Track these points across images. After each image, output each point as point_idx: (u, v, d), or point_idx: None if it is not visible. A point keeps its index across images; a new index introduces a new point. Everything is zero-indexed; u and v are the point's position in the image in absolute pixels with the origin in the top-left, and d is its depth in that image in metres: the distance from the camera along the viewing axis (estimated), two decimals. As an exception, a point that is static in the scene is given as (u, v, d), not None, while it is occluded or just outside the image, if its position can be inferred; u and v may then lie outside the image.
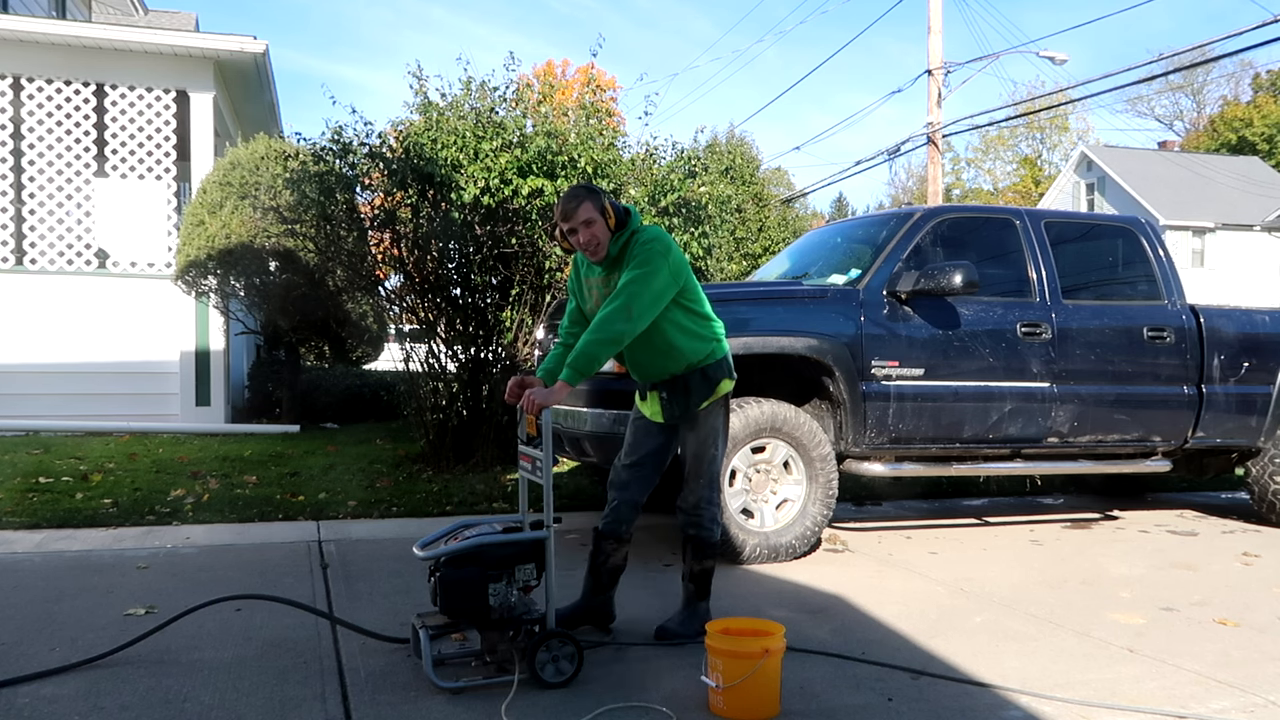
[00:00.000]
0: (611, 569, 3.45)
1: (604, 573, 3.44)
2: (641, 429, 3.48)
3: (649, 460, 3.46)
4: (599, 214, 3.19)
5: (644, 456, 3.45)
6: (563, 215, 3.21)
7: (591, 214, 3.18)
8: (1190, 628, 3.65)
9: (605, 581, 3.45)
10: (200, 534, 5.07)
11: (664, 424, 3.42)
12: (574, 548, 4.86)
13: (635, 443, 3.48)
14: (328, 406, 10.93)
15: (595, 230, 3.19)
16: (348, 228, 7.26)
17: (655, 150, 7.30)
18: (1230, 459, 6.10)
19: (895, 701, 2.83)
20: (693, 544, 3.42)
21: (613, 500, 3.46)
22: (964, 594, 4.10)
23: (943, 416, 4.96)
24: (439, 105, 6.89)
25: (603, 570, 3.44)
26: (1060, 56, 17.04)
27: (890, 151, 17.48)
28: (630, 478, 3.46)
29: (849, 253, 5.57)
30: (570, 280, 3.49)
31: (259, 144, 9.34)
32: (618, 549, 3.45)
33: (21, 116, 9.69)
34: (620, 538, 3.45)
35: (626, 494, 3.45)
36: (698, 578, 3.44)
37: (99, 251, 9.77)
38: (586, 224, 3.18)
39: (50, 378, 9.32)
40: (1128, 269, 5.72)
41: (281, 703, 2.74)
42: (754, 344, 4.60)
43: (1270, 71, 45.45)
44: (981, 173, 50.02)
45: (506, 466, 6.83)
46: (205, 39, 9.73)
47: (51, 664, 2.99)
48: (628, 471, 3.47)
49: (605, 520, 3.45)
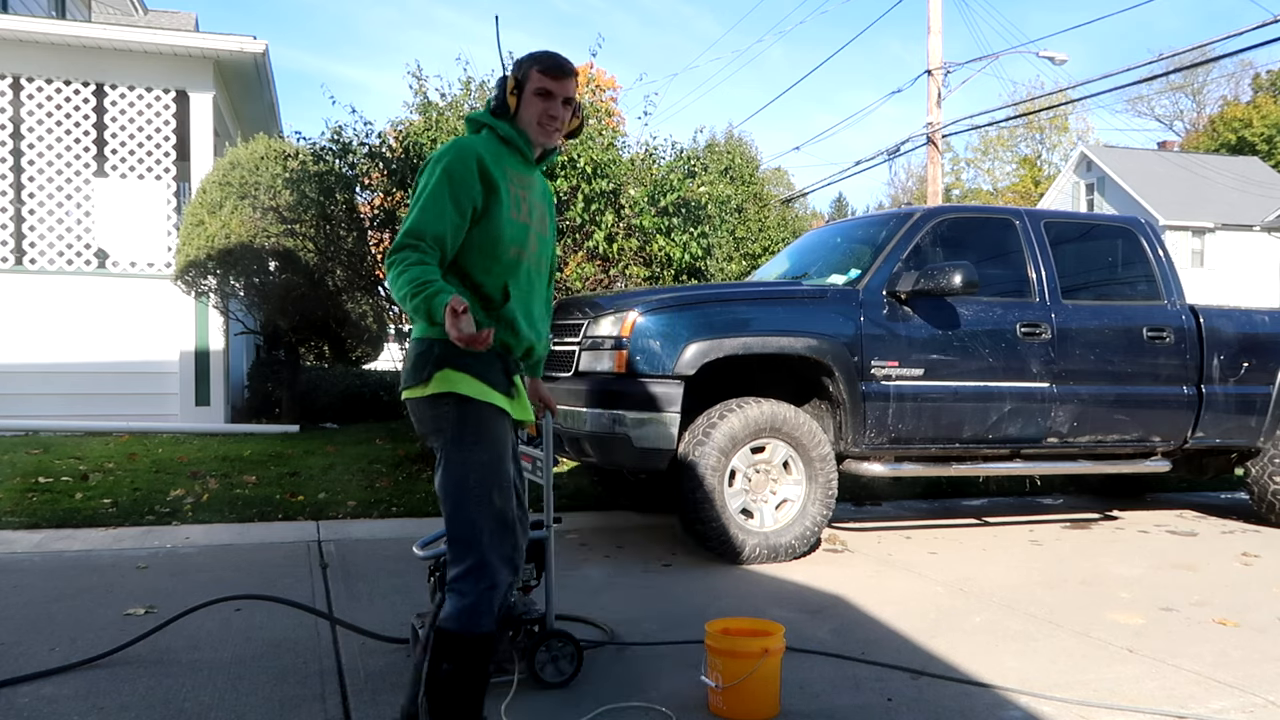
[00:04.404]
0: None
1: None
2: (509, 441, 2.36)
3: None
4: (575, 101, 2.47)
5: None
6: (561, 70, 2.39)
7: (574, 94, 2.45)
8: (1190, 628, 3.65)
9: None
10: (200, 534, 5.07)
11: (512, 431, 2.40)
12: (574, 548, 4.87)
13: (510, 465, 2.33)
14: (327, 406, 10.93)
15: (568, 113, 2.45)
16: (348, 228, 7.26)
17: (655, 150, 7.31)
18: (1230, 459, 6.10)
19: (895, 701, 2.83)
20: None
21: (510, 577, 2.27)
22: (963, 594, 4.10)
23: (942, 417, 4.96)
24: (439, 105, 6.90)
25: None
26: (1060, 56, 17.04)
27: (890, 151, 17.49)
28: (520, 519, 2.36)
29: (848, 253, 5.57)
30: (466, 182, 2.27)
31: (259, 144, 9.34)
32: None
33: (21, 116, 9.68)
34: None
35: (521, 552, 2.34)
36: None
37: (99, 251, 9.76)
38: (568, 102, 2.43)
39: (50, 378, 9.32)
40: (1127, 269, 5.72)
41: (281, 703, 2.74)
42: (754, 344, 4.60)
43: (1270, 71, 45.47)
44: (981, 173, 50.06)
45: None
46: (205, 39, 9.73)
47: (51, 664, 2.99)
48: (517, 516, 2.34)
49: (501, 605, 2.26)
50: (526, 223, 2.41)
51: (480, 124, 2.45)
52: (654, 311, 4.54)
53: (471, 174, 2.27)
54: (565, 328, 4.94)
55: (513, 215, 2.35)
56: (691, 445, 4.49)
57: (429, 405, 2.28)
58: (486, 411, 2.27)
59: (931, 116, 15.87)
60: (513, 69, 2.42)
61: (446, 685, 2.19)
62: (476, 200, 2.28)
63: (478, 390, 2.26)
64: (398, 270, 2.16)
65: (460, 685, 2.20)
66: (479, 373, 2.27)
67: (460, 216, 2.26)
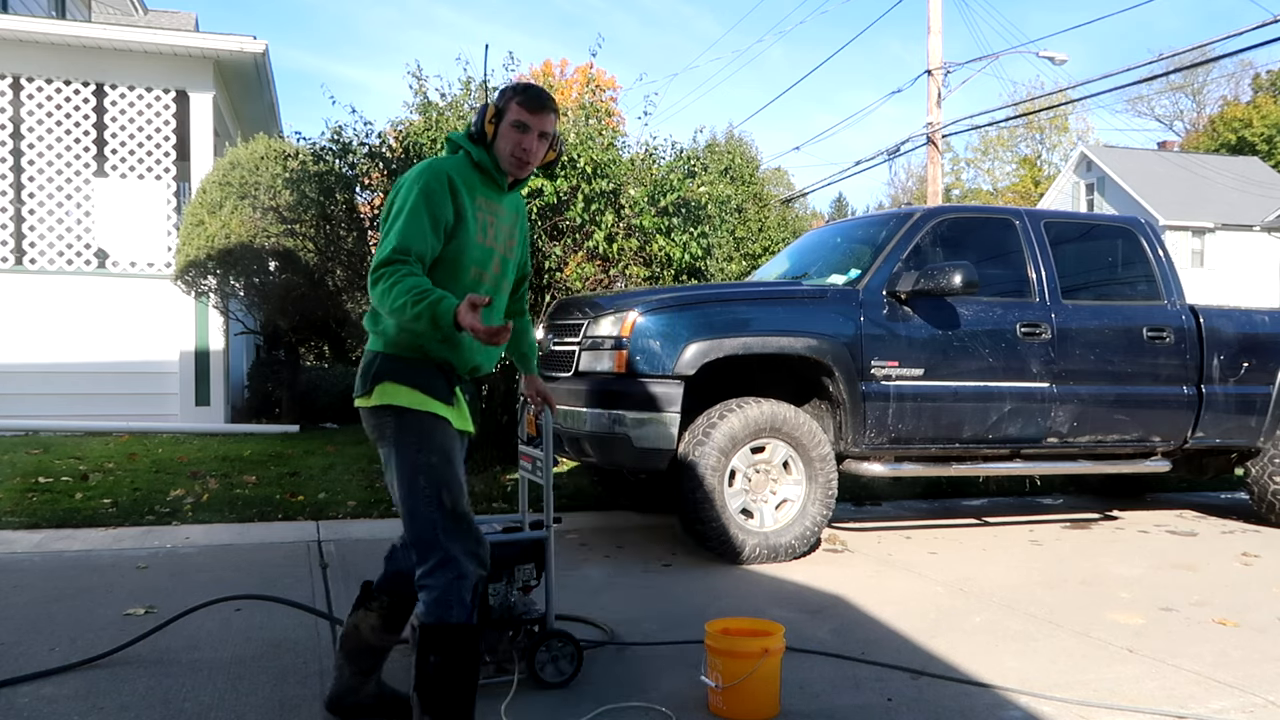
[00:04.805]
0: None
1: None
2: (457, 449, 2.45)
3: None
4: (553, 135, 2.54)
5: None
6: (540, 105, 2.45)
7: (553, 129, 2.51)
8: (1189, 628, 3.66)
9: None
10: (200, 534, 5.07)
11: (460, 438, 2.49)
12: (574, 548, 4.87)
13: (459, 468, 2.43)
14: (327, 406, 10.93)
15: (544, 147, 2.51)
16: (348, 228, 7.27)
17: (655, 150, 7.31)
18: (1230, 459, 6.10)
19: (895, 701, 2.83)
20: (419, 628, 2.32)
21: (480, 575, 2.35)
22: (963, 594, 4.10)
23: (942, 417, 4.96)
24: (439, 105, 6.90)
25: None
26: (1060, 56, 17.05)
27: (890, 152, 17.49)
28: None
29: (848, 253, 5.57)
30: (439, 203, 2.35)
31: (259, 144, 9.34)
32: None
33: (21, 116, 9.69)
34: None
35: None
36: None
37: (99, 251, 9.77)
38: (544, 136, 2.48)
39: (50, 378, 9.32)
40: (1127, 269, 5.72)
41: (281, 703, 2.74)
42: (754, 344, 4.60)
43: (1270, 71, 45.46)
44: (981, 173, 50.05)
45: (506, 466, 6.82)
46: (205, 39, 9.73)
47: (51, 664, 2.99)
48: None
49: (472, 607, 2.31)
50: (491, 247, 2.50)
51: (458, 146, 2.53)
52: (654, 311, 4.54)
53: (445, 194, 2.37)
54: (565, 328, 4.95)
55: (478, 239, 2.44)
56: (691, 445, 4.49)
57: (372, 415, 2.42)
58: (426, 419, 2.37)
59: (931, 116, 15.87)
60: (495, 97, 2.50)
61: (434, 677, 2.26)
62: (449, 220, 2.37)
63: (416, 400, 2.37)
64: (390, 282, 2.22)
65: (447, 676, 2.27)
66: (417, 384, 2.38)
67: (436, 236, 2.35)
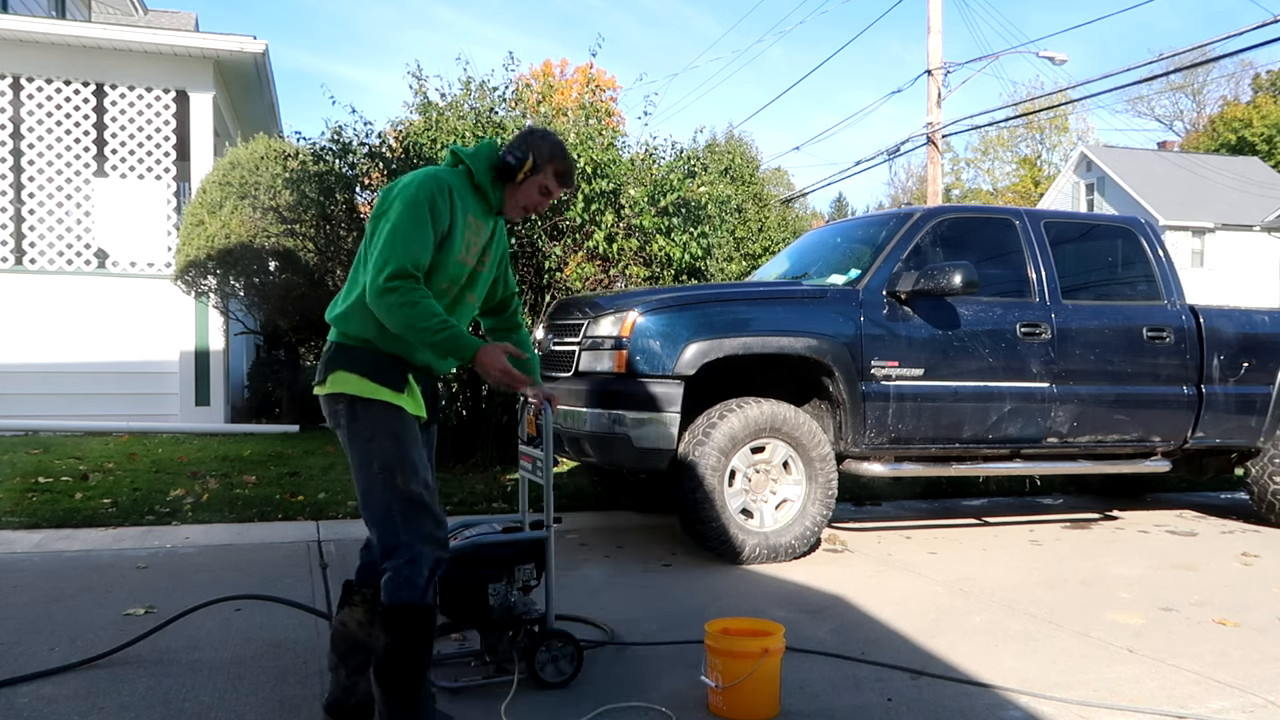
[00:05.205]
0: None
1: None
2: (412, 434, 2.49)
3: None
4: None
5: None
6: (571, 182, 2.70)
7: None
8: (1189, 628, 3.66)
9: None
10: (199, 534, 5.07)
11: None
12: (574, 548, 4.87)
13: (424, 458, 2.51)
14: (327, 406, 10.90)
15: (545, 206, 2.73)
16: (348, 228, 7.26)
17: (655, 150, 7.31)
18: (1230, 459, 6.10)
19: (895, 701, 2.83)
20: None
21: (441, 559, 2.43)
22: (963, 594, 4.10)
23: (942, 417, 4.96)
24: (439, 105, 6.90)
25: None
26: (1060, 56, 17.05)
27: (890, 152, 17.49)
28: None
29: (848, 253, 5.57)
30: (441, 215, 2.43)
31: (259, 144, 9.34)
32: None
33: (21, 116, 9.69)
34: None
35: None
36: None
37: (99, 251, 9.77)
38: (549, 197, 2.71)
39: (50, 378, 9.32)
40: (1127, 269, 5.72)
41: (281, 703, 2.74)
42: (754, 344, 4.60)
43: (1270, 71, 45.46)
44: (981, 173, 50.06)
45: (506, 466, 6.82)
46: (205, 39, 9.73)
47: (51, 664, 2.99)
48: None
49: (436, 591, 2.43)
50: (470, 265, 2.57)
51: (460, 159, 2.58)
52: (654, 311, 4.54)
53: (446, 208, 2.45)
54: (565, 328, 4.94)
55: (460, 257, 2.51)
56: (691, 445, 4.49)
57: (327, 403, 2.50)
58: (377, 406, 2.43)
59: (931, 116, 15.87)
60: (534, 149, 2.56)
61: (386, 657, 2.35)
62: (443, 233, 2.45)
63: (365, 389, 2.43)
64: (411, 299, 2.33)
65: (398, 656, 2.34)
66: (367, 372, 2.44)
67: (433, 247, 2.43)
